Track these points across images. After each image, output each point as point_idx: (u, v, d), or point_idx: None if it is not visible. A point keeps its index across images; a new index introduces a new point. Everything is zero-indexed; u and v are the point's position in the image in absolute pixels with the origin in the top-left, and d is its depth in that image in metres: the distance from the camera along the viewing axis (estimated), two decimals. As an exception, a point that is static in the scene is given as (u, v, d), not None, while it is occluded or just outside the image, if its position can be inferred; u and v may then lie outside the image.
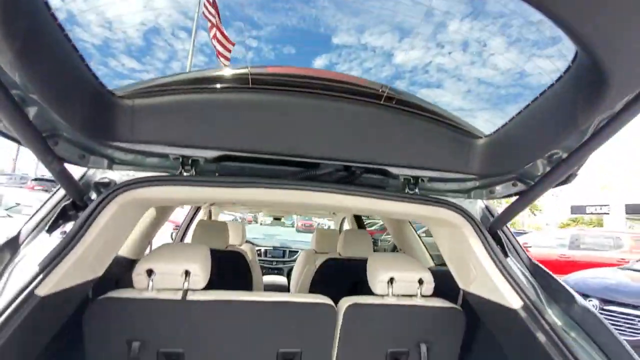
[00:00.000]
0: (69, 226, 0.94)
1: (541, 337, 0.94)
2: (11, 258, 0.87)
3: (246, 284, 2.29)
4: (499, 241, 1.12)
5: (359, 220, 3.37)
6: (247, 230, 3.67)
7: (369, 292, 1.36)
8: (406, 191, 1.15)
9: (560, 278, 3.99)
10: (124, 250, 1.77)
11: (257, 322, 1.24)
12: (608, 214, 21.20)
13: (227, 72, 0.99)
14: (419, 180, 1.16)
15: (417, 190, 1.16)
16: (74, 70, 0.79)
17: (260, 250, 4.14)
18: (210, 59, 0.93)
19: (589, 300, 3.99)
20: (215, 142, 1.01)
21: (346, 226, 3.92)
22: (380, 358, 1.32)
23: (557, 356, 0.90)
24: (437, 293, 1.36)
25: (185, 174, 1.05)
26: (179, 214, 3.58)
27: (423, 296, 1.33)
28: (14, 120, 0.70)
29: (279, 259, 4.29)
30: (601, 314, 3.97)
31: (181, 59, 0.98)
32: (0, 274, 0.83)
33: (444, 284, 1.42)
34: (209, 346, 1.22)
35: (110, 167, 1.05)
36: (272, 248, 4.36)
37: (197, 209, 3.07)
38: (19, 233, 0.94)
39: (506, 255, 1.09)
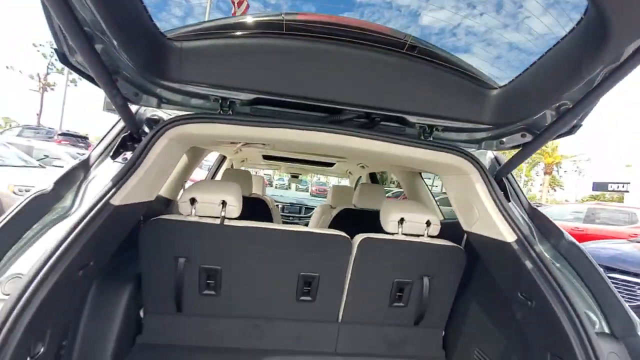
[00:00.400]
0: (128, 154, 1.10)
1: (530, 266, 1.07)
2: (85, 176, 1.04)
3: None
4: (503, 187, 1.23)
5: (373, 179, 3.51)
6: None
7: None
8: (421, 139, 1.25)
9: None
10: (162, 190, 1.98)
11: (282, 248, 1.43)
12: (628, 191, 20.67)
13: (263, 18, 1.09)
14: (434, 130, 1.26)
15: (431, 138, 1.27)
16: (134, 10, 0.89)
17: (277, 205, 4.38)
18: (251, 6, 1.02)
19: (594, 268, 4.11)
20: (250, 85, 1.12)
21: (362, 185, 4.07)
22: (387, 286, 1.51)
23: (543, 284, 1.03)
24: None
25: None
26: (198, 174, 3.82)
27: (429, 236, 1.49)
28: (88, 55, 0.82)
29: (296, 214, 4.52)
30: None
31: (222, 6, 1.08)
32: (78, 187, 1.00)
33: (450, 235, 1.57)
34: (241, 265, 1.42)
35: (158, 106, 1.19)
36: (289, 204, 4.59)
37: (222, 161, 3.27)
38: (88, 157, 1.11)
39: (508, 200, 1.21)
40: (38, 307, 0.75)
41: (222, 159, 3.30)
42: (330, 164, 3.38)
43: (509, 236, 1.13)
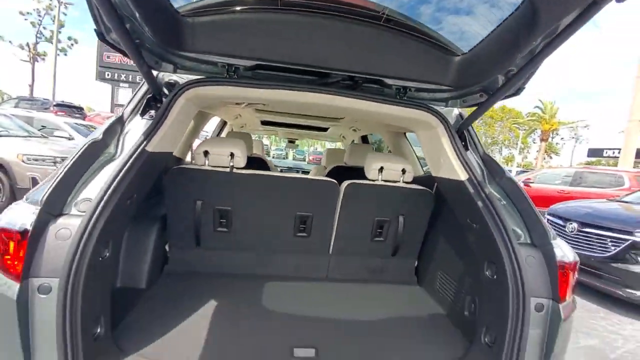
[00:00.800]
0: (152, 112, 1.32)
1: (476, 198, 1.32)
2: (122, 129, 1.27)
3: None
4: (463, 138, 1.46)
5: (365, 142, 3.74)
6: None
7: None
8: (397, 98, 1.47)
9: (550, 207, 4.43)
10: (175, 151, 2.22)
11: (281, 192, 1.70)
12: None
13: None
14: (408, 90, 1.48)
15: (405, 98, 1.49)
16: None
17: (277, 168, 4.64)
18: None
19: (570, 223, 4.45)
20: (251, 53, 1.32)
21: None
22: (369, 224, 1.80)
23: (484, 210, 1.27)
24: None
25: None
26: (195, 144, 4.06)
27: (405, 182, 1.75)
28: (120, 33, 1.01)
29: None
30: (579, 234, 4.43)
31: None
32: (118, 138, 1.23)
33: (427, 185, 1.83)
34: (247, 207, 1.70)
35: (174, 71, 1.39)
36: (287, 168, 4.85)
37: (223, 126, 3.48)
38: (122, 114, 1.32)
39: (467, 149, 1.45)
40: (104, 223, 1.00)
41: (223, 124, 3.51)
42: (325, 129, 3.59)
43: (463, 176, 1.38)
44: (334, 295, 1.73)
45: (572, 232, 4.37)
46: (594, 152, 27.73)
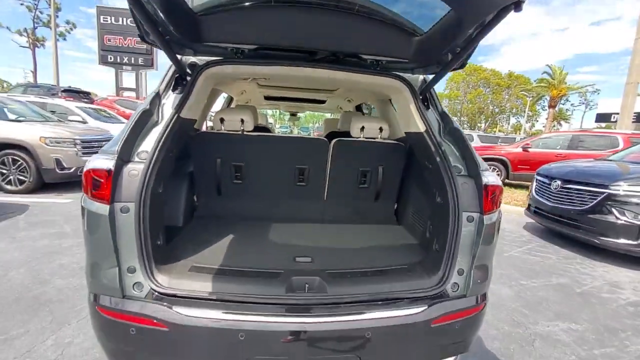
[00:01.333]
0: (180, 88, 1.67)
1: (430, 145, 1.66)
2: (160, 100, 1.62)
3: None
4: (425, 99, 1.81)
5: (358, 109, 4.08)
6: None
7: None
8: (372, 69, 1.81)
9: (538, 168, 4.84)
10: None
11: (283, 149, 2.11)
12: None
13: None
14: (381, 62, 1.81)
15: (379, 68, 1.82)
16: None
17: None
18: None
19: (554, 181, 4.79)
20: (253, 39, 1.65)
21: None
22: (355, 173, 2.20)
23: (436, 153, 1.62)
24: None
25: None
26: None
27: (382, 138, 2.13)
28: (155, 34, 1.34)
29: None
30: (562, 190, 4.77)
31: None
32: (158, 108, 1.59)
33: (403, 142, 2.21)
34: (257, 162, 2.12)
35: (194, 55, 1.74)
36: None
37: (230, 102, 3.84)
38: (159, 90, 1.67)
39: (428, 107, 1.79)
40: (157, 168, 1.38)
41: (230, 100, 3.88)
42: (322, 101, 3.92)
43: (422, 128, 1.73)
44: (327, 230, 2.16)
45: (555, 189, 4.72)
46: (602, 117, 27.27)
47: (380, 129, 2.13)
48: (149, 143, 1.40)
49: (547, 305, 2.95)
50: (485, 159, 9.59)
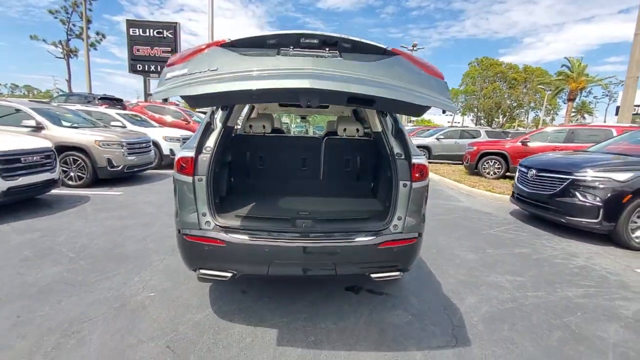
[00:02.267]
0: (226, 108, 2.60)
1: (385, 140, 2.52)
2: (214, 115, 2.54)
3: None
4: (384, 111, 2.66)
5: (355, 114, 4.96)
6: None
7: None
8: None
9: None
10: None
11: (291, 145, 3.04)
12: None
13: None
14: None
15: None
16: None
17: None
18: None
19: (531, 170, 5.48)
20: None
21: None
22: (341, 161, 3.11)
23: (387, 144, 2.46)
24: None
25: None
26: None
27: (359, 136, 3.02)
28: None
29: None
30: (536, 178, 5.49)
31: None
32: (212, 119, 2.51)
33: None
34: (274, 154, 3.06)
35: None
36: None
37: (252, 109, 4.81)
38: (212, 110, 2.60)
39: (385, 115, 2.65)
40: (215, 157, 2.29)
41: (252, 108, 4.84)
42: (326, 106, 4.83)
43: (380, 128, 2.60)
44: (321, 200, 3.04)
45: (531, 177, 5.42)
46: (623, 109, 26.91)
47: (357, 130, 3.02)
48: (210, 141, 2.33)
49: (502, 266, 3.72)
50: (487, 154, 10.28)
